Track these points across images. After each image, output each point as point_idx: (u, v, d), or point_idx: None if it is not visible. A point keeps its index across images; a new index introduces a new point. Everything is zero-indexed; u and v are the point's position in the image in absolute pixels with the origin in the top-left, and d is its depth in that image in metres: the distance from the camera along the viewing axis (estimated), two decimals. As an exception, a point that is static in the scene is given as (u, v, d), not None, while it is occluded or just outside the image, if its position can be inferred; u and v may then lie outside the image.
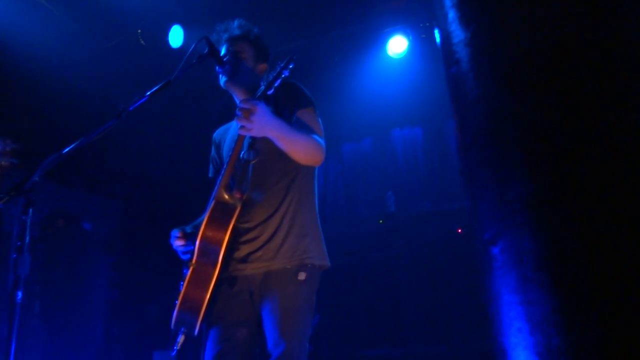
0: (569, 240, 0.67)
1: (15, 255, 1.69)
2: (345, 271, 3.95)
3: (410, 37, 4.51)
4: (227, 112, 2.53)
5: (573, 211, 0.67)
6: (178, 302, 1.95)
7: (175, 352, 1.96)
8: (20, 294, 1.67)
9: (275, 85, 1.89)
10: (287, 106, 2.03)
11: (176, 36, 4.25)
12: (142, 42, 4.21)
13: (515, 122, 0.73)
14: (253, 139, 1.95)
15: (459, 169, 0.84)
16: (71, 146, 1.83)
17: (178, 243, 2.06)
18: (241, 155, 1.96)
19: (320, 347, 3.89)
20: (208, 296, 1.90)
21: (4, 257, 3.02)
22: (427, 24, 4.49)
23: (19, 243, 1.70)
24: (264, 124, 1.83)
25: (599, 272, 0.65)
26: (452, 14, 0.81)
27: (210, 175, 2.34)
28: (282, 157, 1.96)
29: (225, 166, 1.97)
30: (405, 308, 3.85)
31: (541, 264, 0.68)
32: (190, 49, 2.01)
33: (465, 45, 0.79)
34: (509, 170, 0.72)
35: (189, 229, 2.10)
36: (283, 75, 1.90)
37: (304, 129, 1.98)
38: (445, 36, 0.85)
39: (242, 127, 1.82)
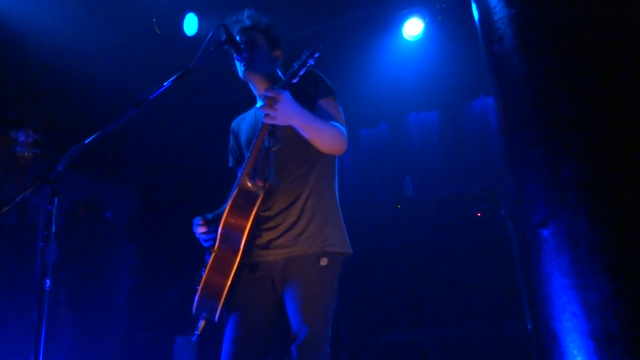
0: (626, 223, 0.65)
1: (42, 244, 1.73)
2: (364, 256, 3.96)
3: (427, 20, 4.43)
4: (244, 100, 2.53)
5: (630, 193, 0.65)
6: (199, 288, 1.98)
7: (195, 337, 2.00)
8: (48, 281, 1.71)
9: (300, 74, 1.89)
10: (308, 95, 2.02)
11: (191, 24, 4.25)
12: (157, 31, 4.22)
13: (569, 101, 0.70)
14: (273, 127, 1.95)
15: (502, 149, 0.82)
16: (93, 136, 1.86)
17: (200, 230, 2.09)
18: (262, 143, 1.97)
19: (340, 333, 3.93)
20: (229, 283, 1.93)
21: (30, 246, 3.10)
22: (444, 5, 4.41)
23: (45, 232, 1.74)
24: (288, 113, 1.83)
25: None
26: (494, -10, 0.78)
27: (230, 165, 2.35)
28: (302, 145, 1.97)
29: (248, 154, 1.98)
30: (425, 292, 3.85)
31: (597, 248, 0.67)
32: (208, 37, 2.01)
33: (510, 21, 0.75)
34: (562, 151, 0.70)
35: (210, 216, 2.13)
36: (308, 65, 1.89)
37: (325, 118, 1.98)
38: (486, 12, 0.81)
39: (266, 115, 1.83)
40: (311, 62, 1.89)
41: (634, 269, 0.64)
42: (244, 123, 2.30)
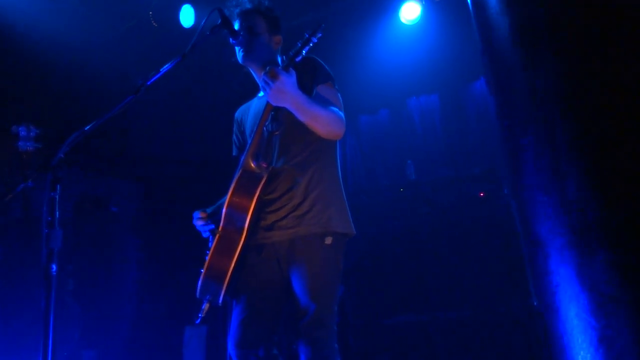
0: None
1: (47, 231, 1.73)
2: (369, 240, 3.98)
3: (424, 2, 4.41)
4: (248, 93, 2.53)
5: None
6: (203, 271, 1.97)
7: (199, 320, 1.99)
8: (54, 267, 1.72)
9: (303, 53, 1.88)
10: (306, 81, 2.02)
11: (187, 16, 4.24)
12: (154, 23, 4.21)
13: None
14: (276, 111, 1.96)
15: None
16: (92, 123, 1.87)
17: (199, 223, 2.10)
18: (265, 127, 1.98)
19: (346, 317, 3.94)
20: (233, 264, 1.92)
21: (37, 239, 3.11)
22: (440, -13, 4.38)
23: (49, 218, 1.75)
24: (283, 93, 1.83)
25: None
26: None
27: (234, 154, 2.35)
28: (305, 128, 1.97)
29: (252, 136, 1.98)
30: (430, 274, 3.86)
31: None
32: (204, 21, 2.00)
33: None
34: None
35: (209, 210, 2.14)
36: (312, 42, 1.89)
37: (324, 103, 1.98)
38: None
39: (265, 92, 1.86)
40: (314, 40, 1.88)
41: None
42: (248, 112, 2.30)
